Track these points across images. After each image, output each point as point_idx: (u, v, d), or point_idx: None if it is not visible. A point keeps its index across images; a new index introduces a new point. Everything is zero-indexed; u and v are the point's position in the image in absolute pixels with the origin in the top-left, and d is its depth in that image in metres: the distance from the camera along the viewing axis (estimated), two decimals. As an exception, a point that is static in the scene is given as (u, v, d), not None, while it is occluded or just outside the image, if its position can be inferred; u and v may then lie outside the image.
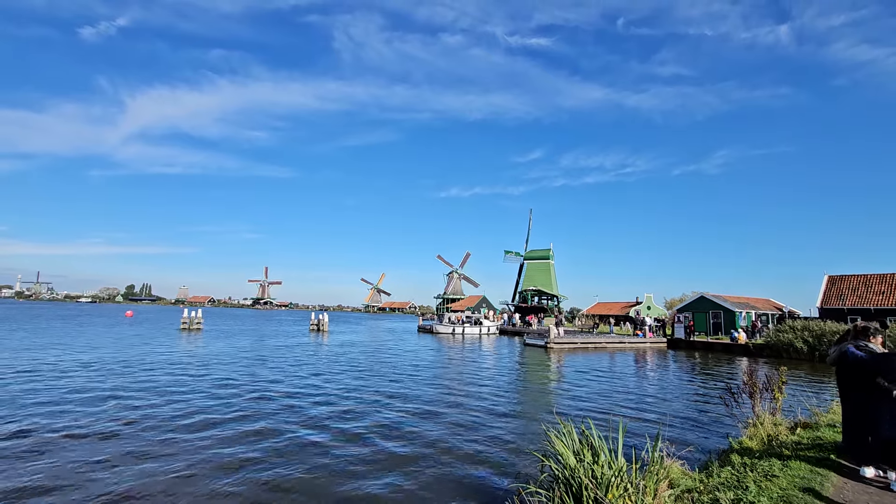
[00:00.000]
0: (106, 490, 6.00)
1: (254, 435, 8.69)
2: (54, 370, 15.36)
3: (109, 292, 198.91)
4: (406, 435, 9.03)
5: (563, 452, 5.02)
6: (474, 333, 46.34)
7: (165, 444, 7.97)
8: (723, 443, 8.39)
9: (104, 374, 14.85)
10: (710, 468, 5.84)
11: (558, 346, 30.91)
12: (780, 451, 6.09)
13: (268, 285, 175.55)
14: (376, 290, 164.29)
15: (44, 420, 9.20)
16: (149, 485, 6.20)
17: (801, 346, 25.87)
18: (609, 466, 4.75)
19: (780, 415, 7.89)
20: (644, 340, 34.15)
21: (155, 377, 14.72)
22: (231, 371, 16.68)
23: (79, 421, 9.23)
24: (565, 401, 12.95)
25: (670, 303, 56.70)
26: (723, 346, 30.78)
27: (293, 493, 6.13)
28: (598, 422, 8.00)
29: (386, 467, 7.18)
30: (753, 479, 4.91)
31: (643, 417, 11.02)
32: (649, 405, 12.66)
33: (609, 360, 24.36)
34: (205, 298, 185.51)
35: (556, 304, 68.92)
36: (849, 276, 35.01)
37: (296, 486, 6.32)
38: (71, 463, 6.92)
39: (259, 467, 7.00)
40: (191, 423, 9.31)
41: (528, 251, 72.78)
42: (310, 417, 10.20)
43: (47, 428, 8.65)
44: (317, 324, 44.21)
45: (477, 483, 6.64)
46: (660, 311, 54.83)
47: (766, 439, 6.97)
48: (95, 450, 7.54)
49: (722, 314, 35.36)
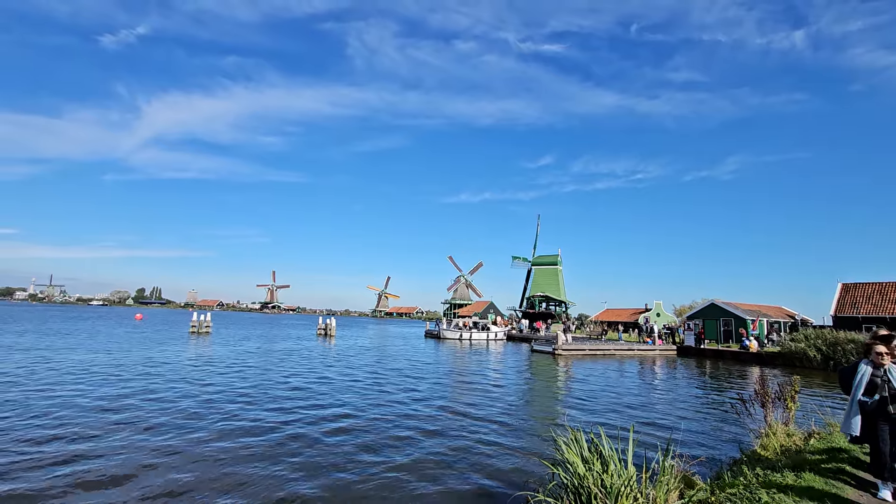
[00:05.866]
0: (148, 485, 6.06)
1: (274, 444, 8.71)
2: (61, 373, 15.58)
3: (120, 295, 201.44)
4: (413, 441, 9.00)
5: (572, 460, 4.98)
6: (481, 339, 46.18)
7: (184, 445, 8.04)
8: (734, 453, 8.26)
9: (106, 380, 15.02)
10: (721, 478, 5.76)
11: (566, 352, 30.69)
12: (794, 462, 5.98)
13: (276, 289, 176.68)
14: (383, 295, 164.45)
15: (89, 420, 9.34)
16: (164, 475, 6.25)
17: (815, 354, 25.43)
18: (619, 475, 4.71)
19: (793, 425, 7.76)
20: (653, 348, 33.79)
21: (155, 383, 14.85)
22: (239, 375, 16.77)
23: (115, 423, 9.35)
24: (574, 408, 12.84)
25: (680, 310, 56.04)
26: (733, 354, 30.35)
27: (306, 500, 6.14)
28: (608, 430, 7.93)
29: (392, 475, 7.16)
30: (766, 491, 4.83)
31: (653, 426, 10.89)
32: (659, 413, 12.51)
33: (618, 368, 24.13)
34: (214, 302, 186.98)
35: (564, 311, 68.50)
36: (863, 283, 34.42)
37: (306, 493, 6.33)
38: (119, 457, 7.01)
39: (275, 480, 7.02)
40: (207, 426, 9.38)
41: (536, 257, 72.55)
42: (317, 424, 10.22)
43: (96, 428, 8.78)
44: (324, 328, 44.34)
45: (484, 490, 6.60)
46: (669, 318, 54.24)
47: (779, 450, 6.86)
48: (123, 448, 7.63)
49: (733, 322, 34.91)
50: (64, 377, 14.60)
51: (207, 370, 17.65)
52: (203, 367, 18.37)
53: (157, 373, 16.29)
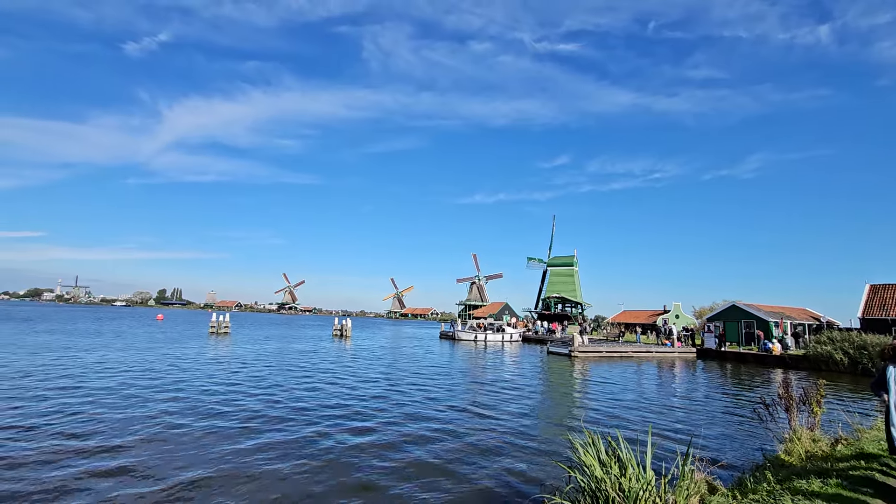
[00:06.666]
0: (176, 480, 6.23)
1: (292, 442, 8.84)
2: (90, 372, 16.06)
3: (142, 296, 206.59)
4: (429, 442, 9.02)
5: (589, 463, 4.92)
6: (497, 341, 46.01)
7: (204, 441, 8.21)
8: (757, 458, 8.06)
9: (137, 376, 15.42)
10: (743, 485, 5.63)
11: (583, 354, 30.37)
12: (819, 468, 5.81)
13: (293, 289, 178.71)
14: (398, 298, 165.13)
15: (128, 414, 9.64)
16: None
17: (841, 358, 24.64)
18: (637, 479, 4.64)
19: (818, 430, 7.53)
20: (672, 350, 33.20)
21: (178, 382, 15.18)
22: (260, 374, 17.04)
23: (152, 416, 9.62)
24: (591, 411, 12.70)
25: (700, 312, 54.85)
26: (755, 357, 29.62)
27: (325, 498, 6.21)
28: (625, 433, 7.82)
29: (410, 475, 7.19)
30: (791, 498, 4.70)
31: (672, 430, 10.70)
32: (678, 417, 12.28)
33: (636, 370, 23.77)
34: (232, 303, 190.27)
35: (581, 312, 67.78)
36: (893, 284, 33.25)
37: (325, 492, 6.40)
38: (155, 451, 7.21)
39: (292, 480, 7.12)
40: (228, 426, 9.56)
41: (552, 258, 71.95)
42: (335, 423, 10.32)
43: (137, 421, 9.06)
44: (340, 329, 44.71)
45: (501, 492, 6.57)
46: (688, 319, 53.19)
47: (804, 456, 6.68)
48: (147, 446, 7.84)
49: (755, 324, 34.07)
50: (97, 374, 15.05)
51: (228, 369, 17.98)
52: (224, 366, 18.72)
53: (179, 371, 16.67)
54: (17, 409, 10.28)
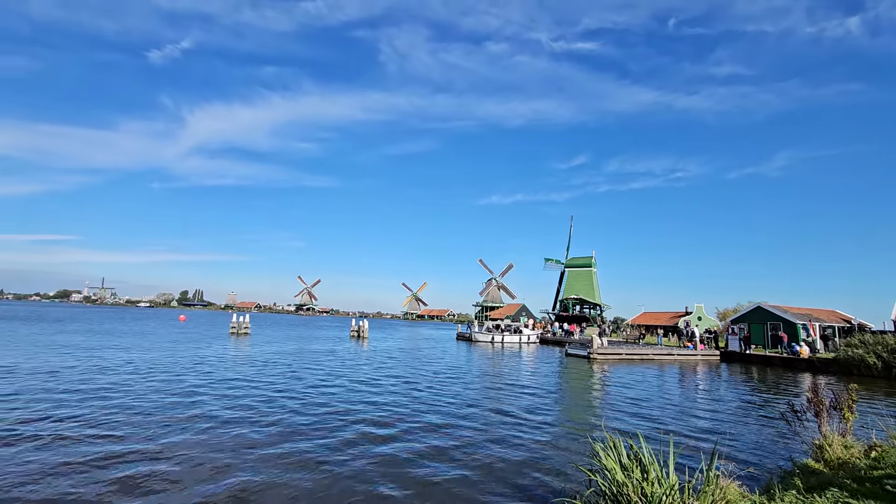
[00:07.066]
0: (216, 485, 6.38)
1: (311, 450, 8.95)
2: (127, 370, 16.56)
3: (165, 297, 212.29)
4: (447, 446, 9.01)
5: (610, 467, 4.85)
6: (514, 342, 45.75)
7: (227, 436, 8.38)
8: (785, 465, 7.81)
9: (162, 375, 15.83)
10: (771, 492, 5.46)
11: (602, 356, 29.95)
12: (852, 477, 5.60)
13: (311, 289, 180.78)
14: (415, 299, 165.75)
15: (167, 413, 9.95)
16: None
17: (874, 361, 23.70)
18: (659, 484, 4.54)
19: (850, 436, 7.25)
20: (695, 353, 32.47)
21: (199, 383, 15.51)
22: (281, 374, 17.31)
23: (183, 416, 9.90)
24: (611, 414, 12.51)
25: (723, 313, 53.46)
26: (782, 360, 28.74)
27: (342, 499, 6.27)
28: (647, 437, 7.67)
29: (428, 469, 7.19)
30: (822, 506, 4.54)
31: (696, 434, 10.45)
32: (702, 421, 11.99)
33: (657, 373, 23.32)
34: (251, 304, 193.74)
35: (599, 314, 66.92)
36: (929, 286, 31.94)
37: (339, 494, 6.46)
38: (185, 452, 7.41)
39: (329, 479, 7.20)
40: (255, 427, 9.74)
41: (569, 259, 71.26)
42: (359, 425, 10.40)
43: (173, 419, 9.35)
44: (357, 330, 45.08)
45: (521, 495, 6.52)
46: (711, 321, 51.96)
47: (836, 463, 6.44)
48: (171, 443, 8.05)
49: (781, 326, 33.09)
50: (128, 374, 15.52)
51: (247, 369, 18.31)
52: (244, 366, 19.07)
53: (204, 371, 17.05)
54: (81, 403, 10.67)
